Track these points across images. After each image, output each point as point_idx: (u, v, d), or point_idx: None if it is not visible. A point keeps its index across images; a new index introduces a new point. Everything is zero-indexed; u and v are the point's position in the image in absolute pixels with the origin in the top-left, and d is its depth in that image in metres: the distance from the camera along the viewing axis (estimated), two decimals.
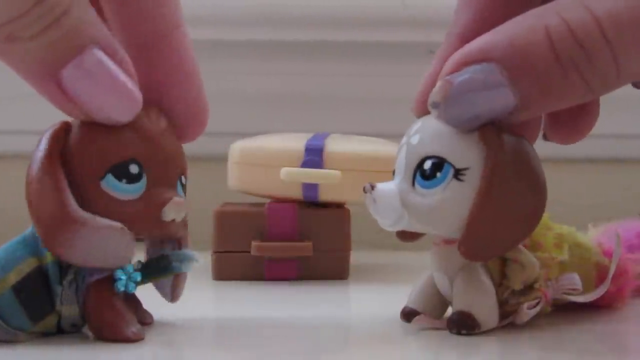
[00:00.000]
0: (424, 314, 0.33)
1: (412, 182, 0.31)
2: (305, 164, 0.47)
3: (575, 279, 0.34)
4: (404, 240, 0.34)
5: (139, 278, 0.30)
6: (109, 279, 0.29)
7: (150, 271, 0.31)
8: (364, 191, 0.31)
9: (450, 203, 0.30)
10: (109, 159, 0.29)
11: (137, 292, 0.31)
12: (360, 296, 0.44)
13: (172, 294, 0.33)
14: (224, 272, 0.47)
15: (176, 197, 0.30)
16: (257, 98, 0.70)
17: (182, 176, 0.31)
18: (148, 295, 0.33)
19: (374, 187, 0.31)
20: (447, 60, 0.29)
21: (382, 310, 0.37)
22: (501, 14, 0.30)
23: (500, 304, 0.32)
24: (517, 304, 0.32)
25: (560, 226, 0.35)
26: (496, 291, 0.32)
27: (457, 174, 0.30)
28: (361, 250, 0.57)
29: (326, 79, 0.70)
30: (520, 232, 0.30)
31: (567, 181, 0.71)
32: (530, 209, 0.30)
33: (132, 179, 0.29)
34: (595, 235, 0.39)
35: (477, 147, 0.30)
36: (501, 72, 0.27)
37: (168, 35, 0.30)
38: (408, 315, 0.33)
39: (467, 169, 0.30)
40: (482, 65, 0.28)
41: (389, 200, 0.31)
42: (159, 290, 0.33)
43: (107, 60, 0.27)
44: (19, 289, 0.29)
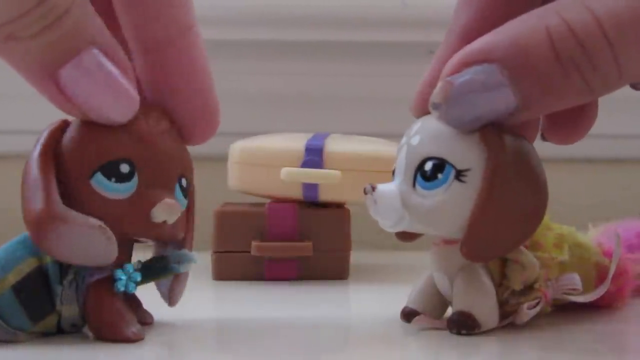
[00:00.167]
0: (424, 314, 0.33)
1: (413, 183, 0.31)
2: (305, 164, 0.47)
3: (575, 279, 0.34)
4: (403, 240, 0.34)
5: (138, 278, 0.30)
6: (109, 279, 0.29)
7: (150, 271, 0.31)
8: (365, 192, 0.31)
9: (451, 204, 0.30)
10: (99, 157, 0.29)
11: (138, 292, 0.31)
12: (360, 296, 0.44)
13: (170, 298, 0.33)
14: (224, 272, 0.47)
15: (167, 199, 0.29)
16: (258, 98, 0.70)
17: (182, 178, 0.31)
18: (148, 295, 0.33)
19: (374, 188, 0.31)
20: (448, 61, 0.29)
21: (382, 310, 0.37)
22: (502, 13, 0.30)
23: (501, 304, 0.32)
24: (517, 304, 0.32)
25: (560, 226, 0.35)
26: (496, 291, 0.32)
27: (459, 175, 0.30)
28: (361, 250, 0.57)
29: (326, 79, 0.70)
30: (522, 233, 0.30)
31: (567, 181, 0.71)
32: (532, 210, 0.30)
33: (122, 178, 0.29)
34: (595, 235, 0.39)
35: (478, 148, 0.30)
36: (502, 72, 0.27)
37: (179, 37, 0.30)
38: (408, 315, 0.33)
39: (469, 170, 0.30)
40: (483, 66, 0.28)
41: (390, 201, 0.31)
42: (160, 293, 0.33)
43: (105, 61, 0.27)
44: (19, 289, 0.29)
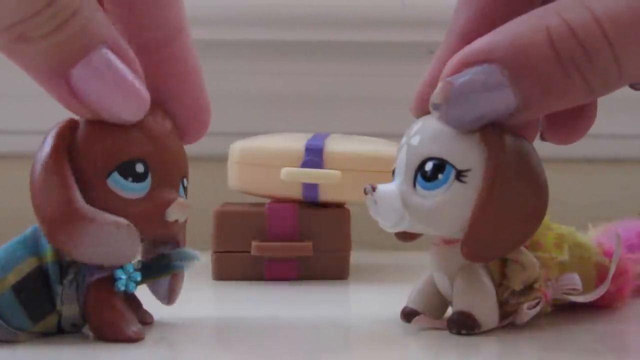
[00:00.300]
0: (424, 314, 0.33)
1: (413, 184, 0.31)
2: (305, 164, 0.47)
3: (575, 279, 0.34)
4: (403, 240, 0.34)
5: (139, 278, 0.30)
6: (109, 279, 0.29)
7: (150, 270, 0.31)
8: (365, 193, 0.31)
9: (452, 204, 0.30)
10: (116, 156, 0.29)
11: (137, 292, 0.31)
12: (360, 296, 0.44)
13: (169, 297, 0.33)
14: (224, 272, 0.47)
15: (180, 198, 0.30)
16: (258, 98, 0.70)
17: (184, 178, 0.32)
18: (148, 295, 0.33)
19: (375, 189, 0.31)
20: (448, 62, 0.29)
21: (382, 310, 0.37)
22: (501, 13, 0.30)
23: (501, 304, 0.32)
24: (517, 304, 0.32)
25: (560, 226, 0.35)
26: (496, 291, 0.32)
27: (459, 175, 0.30)
28: (361, 250, 0.57)
29: (326, 79, 0.70)
30: (523, 233, 0.30)
31: (567, 181, 0.71)
32: (532, 210, 0.30)
33: (138, 178, 0.29)
34: (595, 235, 0.39)
35: (478, 148, 0.30)
36: (502, 72, 0.27)
37: (171, 39, 0.30)
38: (408, 315, 0.33)
39: (469, 170, 0.30)
40: (483, 66, 0.28)
41: (390, 201, 0.31)
42: (155, 294, 0.33)
43: (115, 60, 0.27)
44: (19, 288, 0.29)
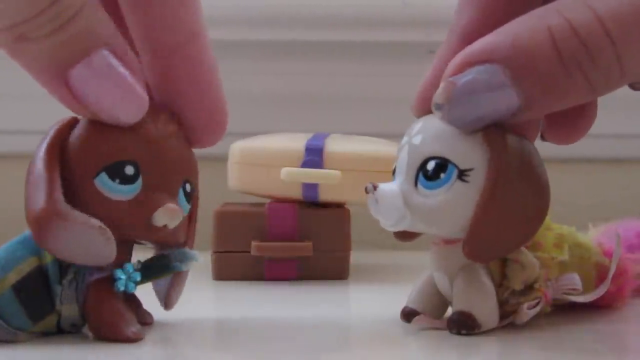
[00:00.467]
0: (424, 314, 0.33)
1: (415, 183, 0.31)
2: (305, 164, 0.47)
3: (575, 279, 0.34)
4: (402, 240, 0.34)
5: (138, 278, 0.30)
6: (108, 279, 0.29)
7: (150, 270, 0.31)
8: (366, 191, 0.31)
9: (453, 204, 0.30)
10: (104, 157, 0.29)
11: (137, 292, 0.31)
12: (360, 296, 0.44)
13: (169, 298, 0.32)
14: (224, 272, 0.47)
15: (169, 204, 0.29)
16: (258, 98, 0.70)
17: (186, 183, 0.31)
18: (148, 295, 0.33)
19: (376, 188, 0.31)
20: (450, 62, 0.29)
21: (382, 310, 0.37)
22: (503, 13, 0.30)
23: (501, 304, 0.32)
24: (517, 304, 0.32)
25: (560, 226, 0.35)
26: (496, 291, 0.32)
27: (461, 174, 0.30)
28: (361, 250, 0.57)
29: (326, 79, 0.70)
30: (524, 233, 0.30)
31: (567, 181, 0.71)
32: (534, 210, 0.30)
33: (127, 180, 0.29)
34: (595, 235, 0.39)
35: (480, 148, 0.29)
36: (504, 72, 0.27)
37: (187, 42, 0.30)
38: (408, 315, 0.33)
39: (471, 169, 0.30)
40: (485, 66, 0.28)
41: (392, 200, 0.31)
42: (158, 296, 0.33)
43: (115, 62, 0.27)
44: (19, 288, 0.29)
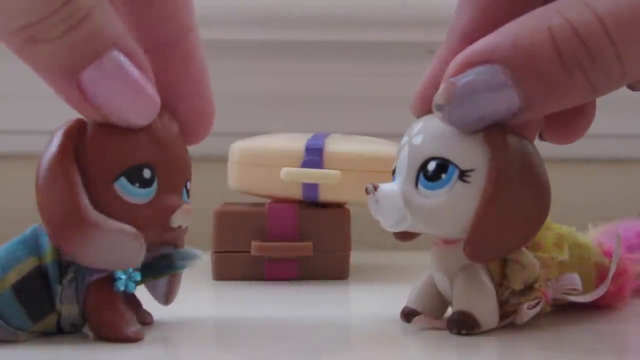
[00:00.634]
0: (424, 314, 0.33)
1: (415, 183, 0.31)
2: (305, 164, 0.47)
3: (575, 279, 0.34)
4: (402, 240, 0.34)
5: (138, 278, 0.30)
6: (108, 279, 0.29)
7: (151, 270, 0.31)
8: (367, 192, 0.31)
9: (454, 204, 0.30)
10: (124, 161, 0.29)
11: (137, 292, 0.31)
12: (360, 296, 0.44)
13: (167, 297, 0.32)
14: (224, 272, 0.47)
15: (185, 205, 0.30)
16: (258, 98, 0.70)
17: (187, 182, 0.31)
18: (148, 295, 0.33)
19: (376, 188, 0.31)
20: (450, 62, 0.29)
21: (382, 310, 0.37)
22: (503, 13, 0.30)
23: (501, 304, 0.32)
24: (517, 304, 0.32)
25: (560, 226, 0.35)
26: (496, 291, 0.32)
27: (462, 175, 0.30)
28: (361, 250, 0.57)
29: (326, 79, 0.70)
30: (525, 234, 0.30)
31: (566, 181, 0.71)
32: (535, 211, 0.30)
33: (145, 183, 0.29)
34: (595, 235, 0.39)
35: (481, 148, 0.29)
36: (505, 73, 0.27)
37: (179, 39, 0.30)
38: (408, 315, 0.33)
39: (472, 170, 0.30)
40: (486, 66, 0.28)
41: (392, 200, 0.31)
42: (152, 293, 0.33)
43: (127, 63, 0.27)
44: (19, 288, 0.29)
